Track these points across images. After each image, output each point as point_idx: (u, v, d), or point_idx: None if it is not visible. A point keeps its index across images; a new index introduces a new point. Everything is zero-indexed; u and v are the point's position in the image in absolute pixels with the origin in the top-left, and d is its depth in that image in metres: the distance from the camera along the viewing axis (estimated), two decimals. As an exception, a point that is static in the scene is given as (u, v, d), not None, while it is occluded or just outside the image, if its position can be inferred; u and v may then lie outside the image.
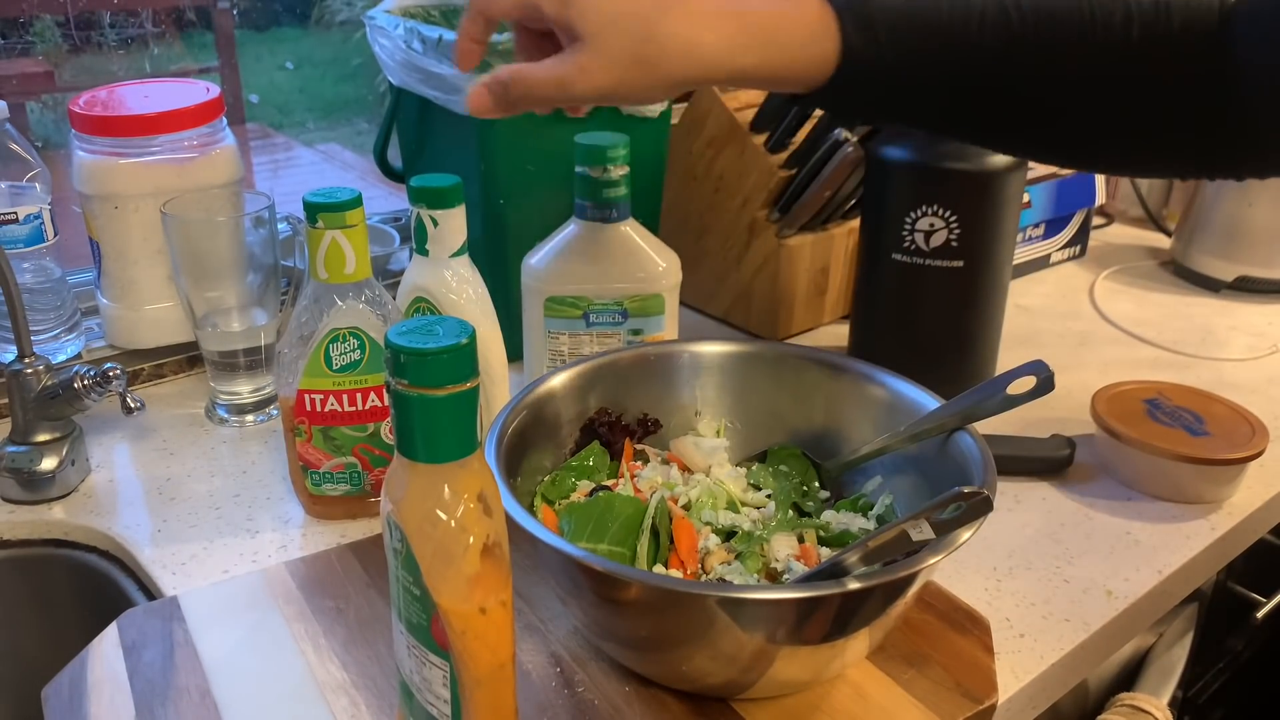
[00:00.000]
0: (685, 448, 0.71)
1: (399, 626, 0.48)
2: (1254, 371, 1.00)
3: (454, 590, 0.44)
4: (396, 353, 0.41)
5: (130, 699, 0.58)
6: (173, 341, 0.93)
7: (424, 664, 0.47)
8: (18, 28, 1.01)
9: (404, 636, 0.47)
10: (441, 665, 0.46)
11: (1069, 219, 1.24)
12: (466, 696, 0.46)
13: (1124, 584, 0.70)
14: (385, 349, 0.42)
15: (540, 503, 0.65)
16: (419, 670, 0.47)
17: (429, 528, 0.44)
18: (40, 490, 0.77)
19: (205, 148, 0.88)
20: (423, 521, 0.44)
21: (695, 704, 0.57)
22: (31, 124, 1.12)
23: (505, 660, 0.47)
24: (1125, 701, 0.79)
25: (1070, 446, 0.81)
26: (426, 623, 0.45)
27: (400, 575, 0.45)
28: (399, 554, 0.45)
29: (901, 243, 0.87)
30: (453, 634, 0.45)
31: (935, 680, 0.59)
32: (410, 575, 0.45)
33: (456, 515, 0.44)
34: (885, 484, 0.67)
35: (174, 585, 0.69)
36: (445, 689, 0.46)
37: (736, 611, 0.50)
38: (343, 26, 1.25)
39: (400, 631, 0.47)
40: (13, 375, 0.77)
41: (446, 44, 0.84)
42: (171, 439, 0.86)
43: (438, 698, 0.47)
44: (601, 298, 0.79)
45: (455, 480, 0.44)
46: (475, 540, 0.44)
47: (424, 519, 0.44)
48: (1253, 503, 0.79)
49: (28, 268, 0.87)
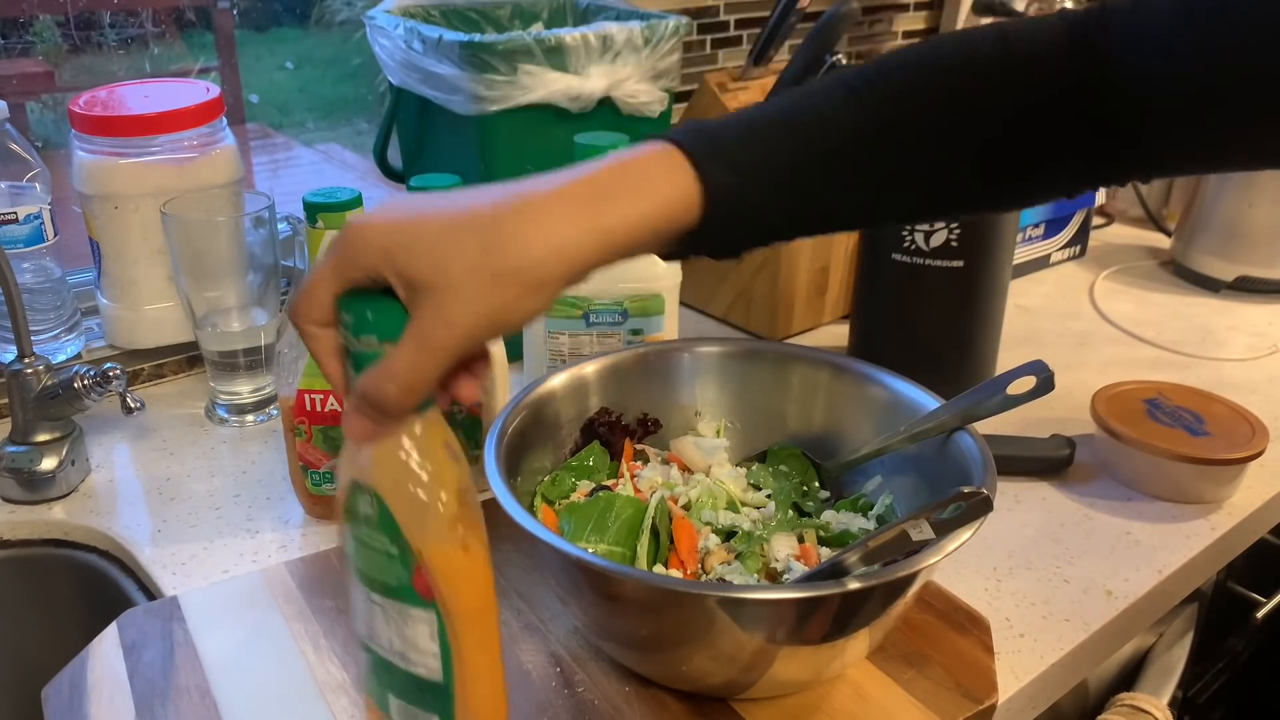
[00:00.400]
0: (685, 448, 0.71)
1: (369, 601, 0.48)
2: (1254, 371, 1.00)
3: (437, 534, 0.45)
4: (360, 311, 0.43)
5: (130, 699, 0.58)
6: (173, 341, 0.93)
7: (405, 624, 0.47)
8: (18, 28, 1.01)
9: (377, 608, 0.47)
10: (427, 617, 0.46)
11: (1069, 219, 1.24)
12: (457, 641, 0.47)
13: (1124, 584, 0.70)
14: (343, 312, 0.44)
15: (540, 503, 0.65)
16: (399, 635, 0.47)
17: (406, 481, 0.45)
18: (40, 490, 0.77)
19: (205, 148, 0.88)
20: (399, 476, 0.45)
21: (695, 704, 0.57)
22: (31, 124, 1.12)
23: (490, 598, 0.48)
24: (1125, 701, 0.79)
25: (1070, 446, 0.81)
26: (408, 579, 0.46)
27: (370, 542, 0.46)
28: (370, 520, 0.46)
29: (901, 242, 0.87)
30: (439, 578, 0.46)
31: (935, 680, 0.59)
32: (387, 535, 0.45)
33: (432, 463, 0.45)
34: (885, 484, 0.67)
35: (174, 585, 0.69)
36: (433, 641, 0.47)
37: (736, 611, 0.50)
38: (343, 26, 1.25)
39: (371, 604, 0.47)
40: (13, 375, 0.77)
41: (447, 44, 0.84)
42: (171, 439, 0.86)
43: (424, 653, 0.47)
44: (601, 298, 0.79)
45: (423, 432, 0.45)
46: (450, 484, 0.46)
47: (400, 473, 0.45)
48: (1253, 503, 0.79)
49: (28, 268, 0.87)
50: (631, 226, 0.47)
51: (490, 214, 0.45)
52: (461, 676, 0.47)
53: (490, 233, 0.44)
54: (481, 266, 0.44)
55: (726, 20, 1.25)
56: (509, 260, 0.44)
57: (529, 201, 0.46)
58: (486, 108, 0.85)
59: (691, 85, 1.08)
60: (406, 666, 0.48)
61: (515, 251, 0.44)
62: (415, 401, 0.44)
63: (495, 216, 0.45)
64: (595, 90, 0.88)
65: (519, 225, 0.45)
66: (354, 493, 0.46)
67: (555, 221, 0.45)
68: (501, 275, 0.44)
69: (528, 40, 0.85)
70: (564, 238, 0.45)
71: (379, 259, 0.44)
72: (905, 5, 1.45)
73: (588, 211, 0.46)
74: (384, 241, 0.44)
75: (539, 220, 0.45)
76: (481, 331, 0.45)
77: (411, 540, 0.45)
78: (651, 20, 0.92)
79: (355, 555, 0.47)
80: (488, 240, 0.44)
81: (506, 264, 0.44)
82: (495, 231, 0.44)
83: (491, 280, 0.44)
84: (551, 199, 0.46)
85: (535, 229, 0.45)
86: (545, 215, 0.45)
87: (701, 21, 1.22)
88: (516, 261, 0.44)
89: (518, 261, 0.44)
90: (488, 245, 0.44)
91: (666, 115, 0.95)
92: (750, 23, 1.26)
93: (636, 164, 0.49)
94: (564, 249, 0.45)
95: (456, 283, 0.44)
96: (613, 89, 0.89)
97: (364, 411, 0.45)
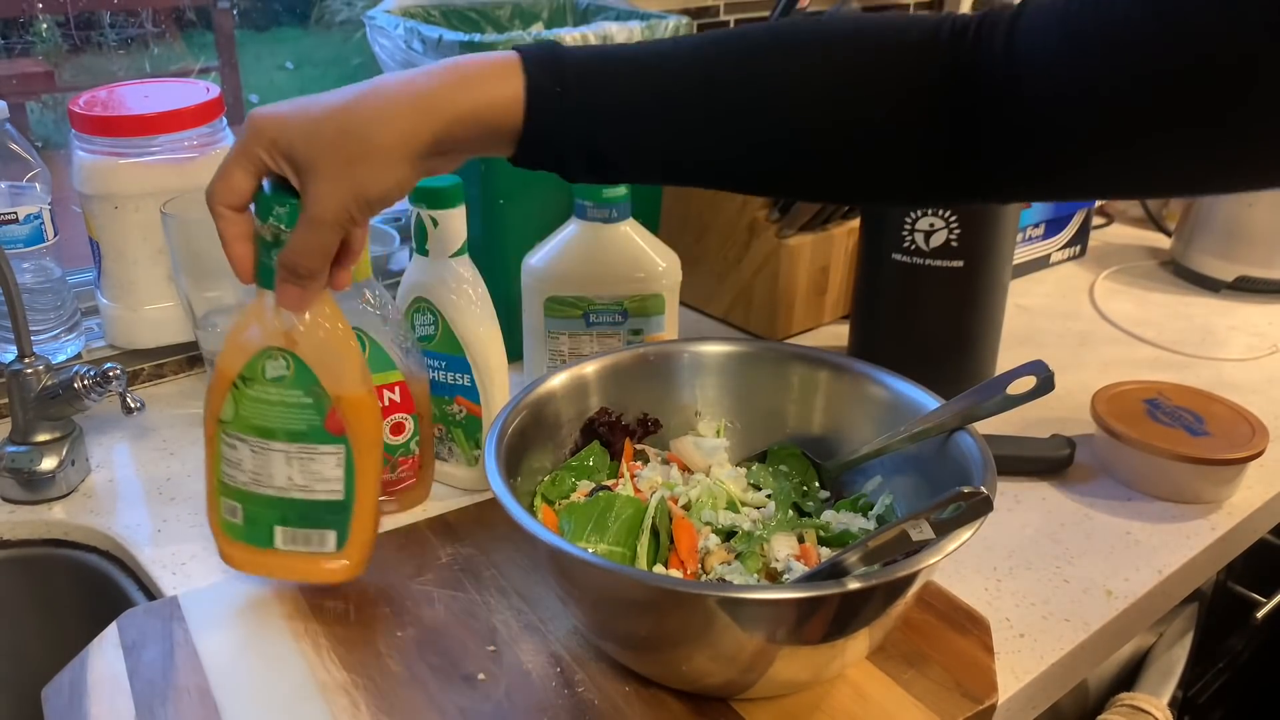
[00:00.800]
0: (685, 448, 0.71)
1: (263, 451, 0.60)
2: (1254, 371, 1.00)
3: (351, 380, 0.59)
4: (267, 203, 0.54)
5: (130, 699, 0.58)
6: (173, 341, 0.93)
7: (311, 461, 0.60)
8: (18, 28, 1.01)
9: (275, 455, 0.60)
10: (335, 450, 0.60)
11: (1069, 219, 1.24)
12: (361, 465, 0.60)
13: (1124, 584, 0.70)
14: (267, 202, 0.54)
15: (540, 503, 0.65)
16: (302, 471, 0.60)
17: (324, 338, 0.58)
18: (40, 490, 0.77)
19: (205, 148, 0.88)
20: (318, 334, 0.57)
21: (695, 704, 0.57)
22: (31, 124, 1.12)
23: (381, 431, 0.61)
24: (1125, 701, 0.79)
25: (1070, 446, 0.81)
26: (320, 421, 0.59)
27: (280, 398, 0.59)
28: (284, 379, 0.58)
29: (901, 243, 0.87)
30: (352, 417, 0.59)
31: (935, 680, 0.59)
32: (301, 389, 0.58)
33: (342, 325, 0.58)
34: (885, 484, 0.67)
35: (174, 585, 0.69)
36: (339, 469, 0.60)
37: (736, 611, 0.50)
38: (343, 26, 1.25)
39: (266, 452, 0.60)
40: (13, 375, 0.77)
41: (447, 44, 0.84)
42: (171, 439, 0.86)
43: (330, 480, 0.61)
44: (601, 298, 0.79)
45: (329, 305, 0.58)
46: (354, 341, 0.59)
47: (323, 337, 0.58)
48: (1253, 503, 0.79)
49: (28, 268, 0.87)
50: (463, 115, 0.53)
51: (346, 105, 0.52)
52: (360, 493, 0.61)
53: (345, 120, 0.52)
54: (339, 149, 0.51)
55: (726, 20, 1.25)
56: (359, 144, 0.51)
57: (377, 90, 0.53)
58: (486, 108, 0.85)
59: (691, 85, 1.08)
60: (307, 496, 0.61)
61: (363, 134, 0.51)
62: (321, 267, 0.55)
63: (348, 106, 0.52)
64: (595, 90, 0.88)
65: (366, 112, 0.52)
66: (262, 359, 0.58)
67: (396, 108, 0.52)
68: (355, 157, 0.51)
69: (528, 40, 0.85)
70: (403, 121, 0.52)
71: (268, 147, 0.52)
72: (905, 5, 1.45)
73: (424, 99, 0.52)
74: (272, 133, 0.52)
75: (382, 107, 0.52)
76: (349, 204, 0.52)
77: (329, 388, 0.58)
78: (651, 20, 0.92)
79: (249, 415, 0.59)
80: (344, 126, 0.52)
81: (358, 147, 0.51)
82: (349, 118, 0.52)
83: (347, 161, 0.51)
84: (395, 88, 0.53)
85: (379, 114, 0.52)
86: (388, 103, 0.52)
87: (701, 22, 1.22)
88: (363, 144, 0.51)
89: (364, 144, 0.51)
90: (344, 130, 0.51)
91: (666, 115, 0.95)
92: (750, 23, 1.26)
93: (477, 63, 0.54)
94: (402, 131, 0.52)
95: (320, 166, 0.52)
96: (613, 89, 0.89)
97: (290, 281, 0.55)
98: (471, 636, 0.62)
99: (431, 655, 0.61)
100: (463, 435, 0.77)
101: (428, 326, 0.74)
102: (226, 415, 0.60)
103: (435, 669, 0.59)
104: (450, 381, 0.75)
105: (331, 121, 0.52)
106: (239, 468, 0.61)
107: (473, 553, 0.69)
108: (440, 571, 0.68)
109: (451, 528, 0.72)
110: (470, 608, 0.64)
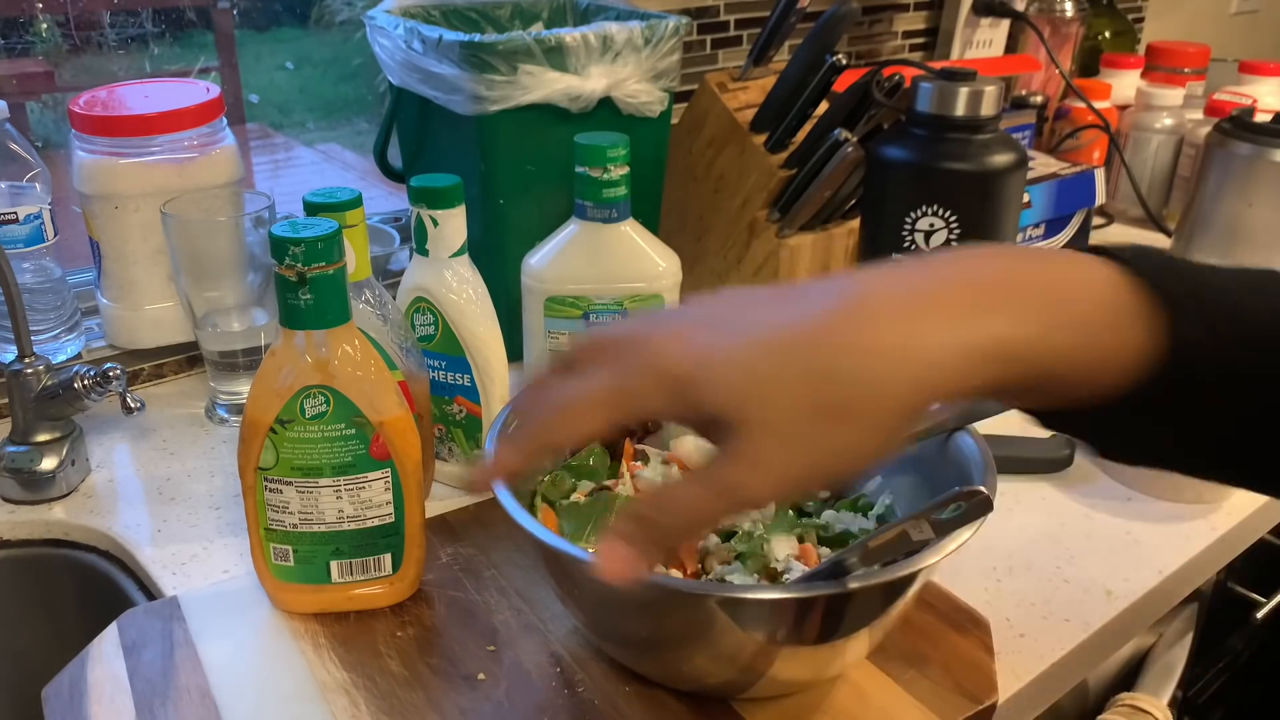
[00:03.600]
0: (685, 448, 0.70)
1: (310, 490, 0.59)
2: (1254, 371, 1.00)
3: (391, 407, 0.59)
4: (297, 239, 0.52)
5: (130, 699, 0.58)
6: (173, 341, 0.93)
7: (360, 490, 0.60)
8: (18, 28, 1.01)
9: (324, 491, 0.59)
10: (383, 474, 0.60)
11: (1069, 219, 1.24)
12: (408, 486, 0.61)
13: (1124, 584, 0.70)
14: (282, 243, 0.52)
15: (540, 503, 0.65)
16: (351, 503, 0.60)
17: (363, 370, 0.58)
18: (40, 490, 0.77)
19: (205, 148, 0.88)
20: (355, 369, 0.58)
21: (695, 704, 0.57)
22: (31, 124, 1.12)
23: (420, 452, 0.62)
24: (1125, 701, 0.79)
25: (1070, 446, 0.81)
26: (365, 449, 0.59)
27: (321, 434, 0.58)
28: (324, 415, 0.58)
29: (901, 243, 0.86)
30: (396, 438, 0.59)
31: (935, 680, 0.59)
32: (343, 421, 0.58)
33: (374, 357, 0.59)
34: (885, 484, 0.67)
35: (174, 585, 0.69)
36: (388, 492, 0.60)
37: (736, 611, 0.50)
38: (343, 26, 1.25)
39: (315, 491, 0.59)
40: (13, 375, 0.77)
41: (447, 44, 0.84)
42: (171, 439, 0.86)
43: (380, 504, 0.61)
44: (601, 298, 0.79)
45: (360, 339, 0.59)
46: (386, 368, 0.60)
47: (356, 367, 0.58)
48: (1253, 503, 0.79)
49: (28, 268, 0.87)
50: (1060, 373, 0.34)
51: (814, 326, 0.34)
52: (409, 511, 0.61)
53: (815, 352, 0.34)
54: (803, 399, 0.33)
55: (726, 20, 1.25)
56: (841, 389, 0.33)
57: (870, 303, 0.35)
58: (486, 108, 0.85)
59: (691, 85, 1.08)
60: (359, 525, 0.61)
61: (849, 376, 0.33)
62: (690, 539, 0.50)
63: (822, 328, 0.34)
64: (595, 90, 0.88)
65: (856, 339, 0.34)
66: (299, 399, 0.57)
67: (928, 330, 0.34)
68: (828, 409, 0.33)
69: (528, 40, 0.85)
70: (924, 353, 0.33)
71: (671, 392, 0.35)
72: (905, 5, 1.45)
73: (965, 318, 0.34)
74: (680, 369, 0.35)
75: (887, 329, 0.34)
76: (803, 483, 0.35)
77: (370, 416, 0.58)
78: (651, 20, 0.92)
79: (291, 457, 0.58)
80: (811, 363, 0.34)
81: (838, 394, 0.33)
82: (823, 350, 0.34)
83: (815, 415, 0.33)
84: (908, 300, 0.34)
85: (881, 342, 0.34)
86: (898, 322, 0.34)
87: (701, 21, 1.22)
88: (851, 390, 0.33)
89: (852, 390, 0.33)
90: (811, 370, 0.34)
91: (666, 115, 0.95)
92: (750, 23, 1.26)
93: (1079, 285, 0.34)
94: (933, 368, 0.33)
95: (773, 421, 0.34)
96: (613, 89, 0.89)
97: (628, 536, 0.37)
98: (471, 636, 0.62)
99: (431, 655, 0.61)
100: (463, 435, 0.77)
101: (428, 326, 0.74)
102: (267, 462, 0.59)
103: (435, 669, 0.60)
104: (450, 381, 0.75)
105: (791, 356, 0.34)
106: (285, 510, 0.60)
107: (472, 553, 0.69)
108: (440, 571, 0.68)
109: (451, 528, 0.72)
110: (470, 608, 0.64)
